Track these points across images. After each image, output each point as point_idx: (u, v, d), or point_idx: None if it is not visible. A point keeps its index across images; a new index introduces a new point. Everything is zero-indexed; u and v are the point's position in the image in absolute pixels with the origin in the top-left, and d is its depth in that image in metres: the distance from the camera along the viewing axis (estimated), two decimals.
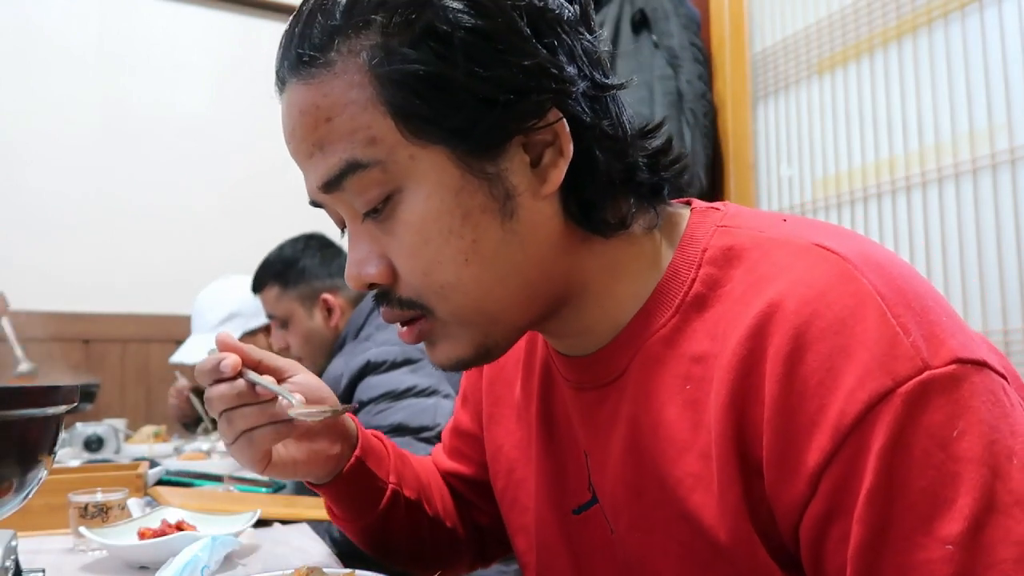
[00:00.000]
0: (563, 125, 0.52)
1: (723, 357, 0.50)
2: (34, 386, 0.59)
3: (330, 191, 0.53)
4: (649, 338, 0.55)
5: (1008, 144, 1.76)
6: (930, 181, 1.93)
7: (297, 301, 1.68)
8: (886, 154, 2.04)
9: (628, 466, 0.56)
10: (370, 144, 0.50)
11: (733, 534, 0.49)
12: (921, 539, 0.41)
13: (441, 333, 0.55)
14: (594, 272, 0.57)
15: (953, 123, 1.88)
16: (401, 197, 0.51)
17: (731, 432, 0.48)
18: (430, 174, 0.51)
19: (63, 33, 2.45)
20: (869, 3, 2.07)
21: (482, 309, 0.53)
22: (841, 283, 0.46)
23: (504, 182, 0.52)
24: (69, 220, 2.40)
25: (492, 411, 0.75)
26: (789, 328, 0.46)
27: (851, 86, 2.13)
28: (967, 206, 1.84)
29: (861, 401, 0.43)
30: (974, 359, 0.44)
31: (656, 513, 0.54)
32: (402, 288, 0.54)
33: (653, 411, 0.54)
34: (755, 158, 2.43)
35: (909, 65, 1.98)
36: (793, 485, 0.46)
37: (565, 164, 0.52)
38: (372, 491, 0.74)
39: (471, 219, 0.51)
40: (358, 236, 0.54)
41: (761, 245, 0.52)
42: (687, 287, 0.54)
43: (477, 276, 0.52)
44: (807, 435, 0.45)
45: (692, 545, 0.52)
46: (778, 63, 2.37)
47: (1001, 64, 1.78)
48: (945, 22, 1.90)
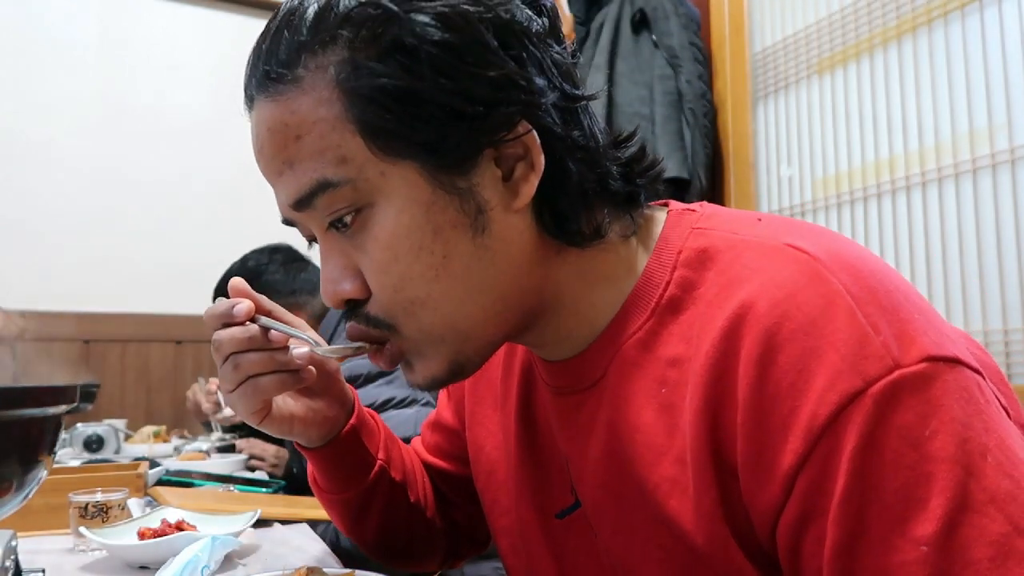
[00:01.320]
0: (533, 137, 0.51)
1: (697, 360, 0.50)
2: (34, 386, 0.59)
3: (301, 209, 0.53)
4: (625, 342, 0.55)
5: (1008, 144, 1.76)
6: (930, 181, 1.93)
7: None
8: (886, 154, 2.04)
9: (607, 471, 0.56)
10: (340, 163, 0.50)
11: (710, 539, 0.49)
12: (896, 540, 0.41)
13: (413, 352, 0.55)
14: (569, 282, 0.56)
15: (953, 123, 1.88)
16: (372, 212, 0.51)
17: (706, 436, 0.48)
18: (401, 190, 0.50)
19: (62, 33, 2.45)
20: (869, 3, 2.07)
21: (453, 325, 0.53)
22: (811, 283, 0.46)
23: (475, 197, 0.51)
24: (69, 220, 2.40)
25: (474, 410, 0.74)
26: (760, 330, 0.46)
27: (851, 86, 2.13)
28: (967, 206, 1.84)
29: (832, 403, 0.43)
30: (945, 356, 0.44)
31: (636, 517, 0.54)
32: (373, 306, 0.53)
33: (630, 415, 0.54)
34: (755, 158, 2.43)
35: (909, 65, 1.98)
36: (768, 488, 0.46)
37: (536, 177, 0.52)
38: (360, 464, 0.73)
39: (442, 235, 0.51)
40: (330, 252, 0.54)
41: (734, 247, 0.52)
42: (662, 290, 0.54)
43: (447, 292, 0.52)
44: (780, 438, 0.45)
45: (672, 549, 0.52)
46: (778, 63, 2.37)
47: (1001, 64, 1.78)
48: (945, 22, 1.90)
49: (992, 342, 1.74)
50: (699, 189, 2.31)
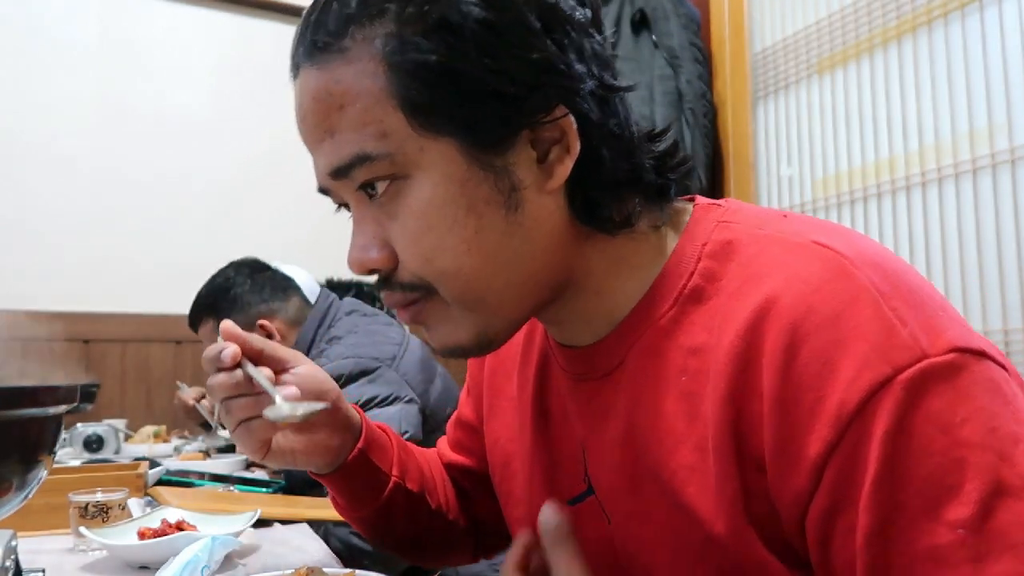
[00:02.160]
0: (570, 122, 0.52)
1: (719, 351, 0.50)
2: (34, 386, 0.59)
3: (338, 178, 0.54)
4: (647, 330, 0.56)
5: (1008, 144, 1.76)
6: (930, 181, 1.93)
7: None
8: (886, 154, 2.04)
9: (624, 457, 0.56)
10: (380, 137, 0.51)
11: (729, 527, 0.49)
12: (929, 525, 0.41)
13: (442, 316, 0.55)
14: (596, 266, 0.57)
15: (953, 123, 1.88)
16: (407, 184, 0.52)
17: (728, 427, 0.49)
18: (438, 165, 0.51)
19: (62, 33, 2.45)
20: (869, 3, 2.07)
21: (482, 299, 0.54)
22: (836, 278, 0.47)
23: (510, 175, 0.52)
24: (69, 220, 2.40)
25: (492, 403, 0.75)
26: (785, 323, 0.46)
27: (851, 86, 2.13)
28: (967, 206, 1.84)
29: (861, 390, 0.43)
30: (972, 348, 0.44)
31: (652, 504, 0.55)
32: (403, 273, 0.54)
33: (649, 402, 0.55)
34: (755, 158, 2.44)
35: (909, 65, 1.98)
36: (796, 478, 0.46)
37: (571, 161, 0.53)
38: (374, 482, 0.74)
39: (475, 210, 0.52)
40: (362, 221, 0.55)
41: (758, 241, 0.53)
42: (685, 280, 0.55)
43: (478, 266, 0.52)
44: (807, 427, 0.45)
45: (687, 536, 0.52)
46: (778, 63, 2.37)
47: (1001, 64, 1.78)
48: (945, 22, 1.90)
49: (992, 342, 1.74)
50: (699, 189, 2.31)
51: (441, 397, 1.57)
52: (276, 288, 1.66)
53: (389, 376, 1.45)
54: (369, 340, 1.53)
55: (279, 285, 1.68)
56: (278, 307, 1.64)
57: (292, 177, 2.78)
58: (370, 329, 1.59)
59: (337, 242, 2.09)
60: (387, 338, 1.56)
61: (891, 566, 0.42)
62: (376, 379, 1.44)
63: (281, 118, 3.08)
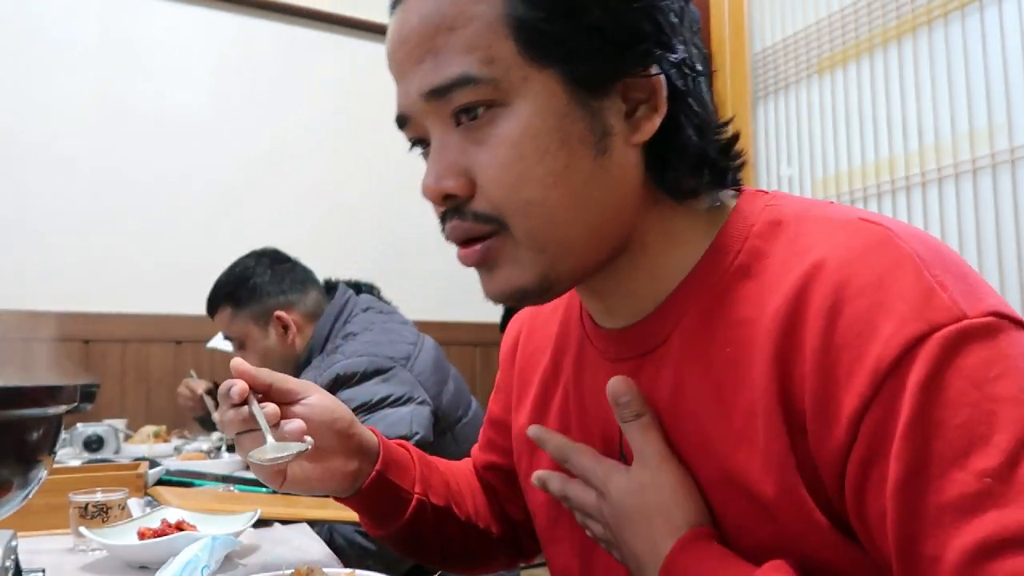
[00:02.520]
0: (660, 81, 0.54)
1: (766, 317, 0.51)
2: (34, 386, 0.59)
3: (434, 98, 0.54)
4: (692, 307, 0.57)
5: (1008, 144, 1.77)
6: (930, 181, 1.93)
7: (251, 321, 1.63)
8: (886, 154, 2.04)
9: (669, 431, 0.57)
10: (487, 62, 0.52)
11: (780, 486, 0.50)
12: (957, 473, 0.42)
13: (509, 256, 0.55)
14: (656, 234, 0.58)
15: (953, 123, 1.88)
16: (504, 111, 0.53)
17: (775, 387, 0.50)
18: (539, 95, 0.52)
19: (63, 32, 2.45)
20: (869, 3, 2.07)
21: (556, 237, 0.54)
22: (881, 247, 0.48)
23: (603, 120, 0.53)
24: (69, 220, 2.40)
25: (520, 394, 0.76)
26: (829, 286, 0.48)
27: (851, 86, 2.13)
28: (967, 206, 1.84)
29: (898, 346, 0.44)
30: (1011, 316, 0.45)
31: (695, 476, 0.55)
32: (479, 202, 0.54)
33: (695, 376, 0.55)
34: (755, 158, 2.43)
35: (909, 65, 1.98)
36: (834, 435, 0.47)
37: (659, 118, 0.54)
38: (396, 502, 0.75)
39: (568, 145, 0.52)
40: (444, 147, 0.55)
41: (805, 220, 0.54)
42: (732, 257, 0.56)
43: (561, 201, 0.53)
44: (846, 384, 0.46)
45: (729, 509, 0.53)
46: (778, 63, 2.37)
47: (1001, 64, 1.78)
48: (945, 22, 1.90)
49: None
50: None
51: (453, 399, 1.56)
52: (295, 280, 1.67)
53: (403, 376, 1.45)
54: (385, 339, 1.53)
55: (298, 278, 1.68)
56: (296, 299, 1.65)
57: (292, 177, 2.79)
58: (386, 327, 1.58)
59: (337, 242, 2.10)
60: (402, 337, 1.56)
61: (919, 514, 0.43)
62: (390, 379, 1.44)
63: (281, 118, 3.08)
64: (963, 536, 0.41)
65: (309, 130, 2.78)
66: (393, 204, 2.88)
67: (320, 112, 2.81)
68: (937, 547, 0.42)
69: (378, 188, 2.86)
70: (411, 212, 2.96)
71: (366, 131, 2.88)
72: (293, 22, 2.80)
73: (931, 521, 0.42)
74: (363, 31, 2.90)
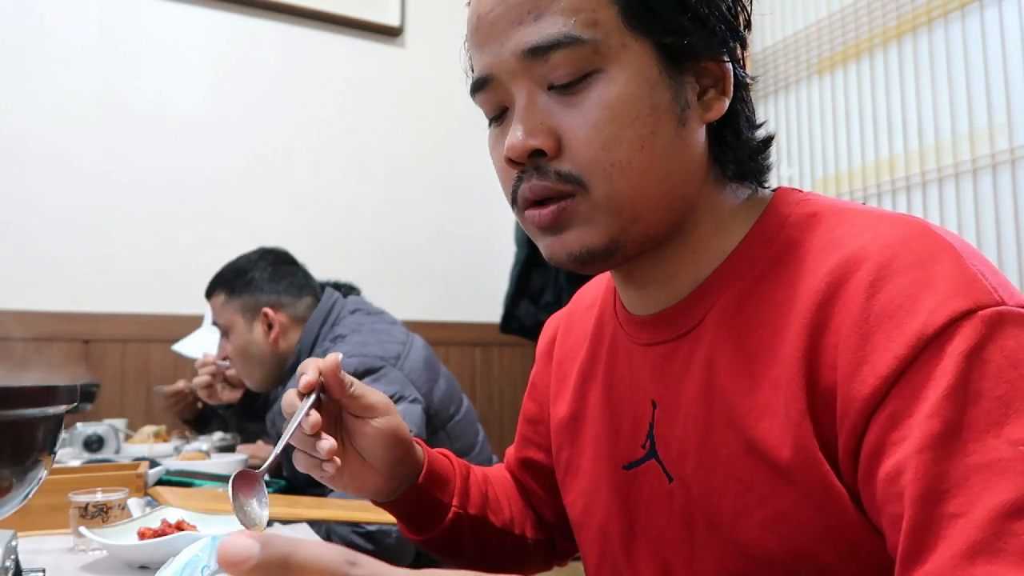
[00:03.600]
0: (730, 68, 0.59)
1: (802, 295, 0.53)
2: (34, 386, 0.59)
3: (532, 57, 0.56)
4: (727, 291, 0.59)
5: (1008, 144, 1.77)
6: (930, 181, 1.93)
7: (239, 311, 1.64)
8: (886, 154, 2.04)
9: (699, 408, 0.59)
10: (590, 25, 0.55)
11: (794, 451, 0.51)
12: (991, 440, 0.43)
13: (584, 217, 0.57)
14: (707, 216, 0.61)
15: (953, 123, 1.88)
16: (601, 76, 0.55)
17: (802, 356, 0.51)
18: (634, 63, 0.55)
19: (63, 32, 2.45)
20: (869, 3, 2.07)
21: (634, 200, 0.56)
22: (921, 235, 0.50)
23: (684, 94, 0.57)
24: (69, 220, 2.40)
25: (558, 388, 0.78)
26: (872, 264, 0.50)
27: (851, 86, 2.13)
28: (967, 206, 1.84)
29: (944, 316, 0.46)
30: None
31: (720, 451, 0.57)
32: (564, 162, 0.56)
33: (726, 355, 0.57)
34: None
35: (909, 65, 1.98)
36: (862, 393, 0.48)
37: (727, 102, 0.59)
38: (434, 512, 0.76)
39: (656, 112, 0.56)
40: (532, 108, 0.57)
41: (843, 213, 0.57)
42: (769, 246, 0.58)
43: (645, 165, 0.56)
44: (883, 350, 0.47)
45: (750, 480, 0.54)
46: (778, 63, 2.37)
47: (1001, 64, 1.78)
48: (945, 22, 1.90)
49: None
50: None
51: (445, 397, 1.57)
52: (293, 284, 1.68)
53: (394, 375, 1.45)
54: (374, 339, 1.53)
55: (297, 282, 1.69)
56: (287, 302, 1.65)
57: (293, 177, 2.79)
58: (375, 328, 1.59)
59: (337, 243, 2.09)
60: (391, 337, 1.56)
61: (946, 474, 0.43)
62: (381, 378, 1.44)
63: (281, 118, 3.08)
64: (992, 496, 0.41)
65: (310, 130, 2.78)
66: (394, 205, 2.88)
67: (321, 112, 2.81)
68: (962, 506, 0.42)
69: (379, 189, 2.86)
70: (413, 212, 2.96)
71: (367, 132, 2.88)
72: (293, 22, 2.80)
73: (958, 481, 0.43)
74: (364, 31, 2.90)
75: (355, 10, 2.85)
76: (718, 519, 0.57)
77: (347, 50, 2.88)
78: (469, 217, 3.00)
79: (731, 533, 0.56)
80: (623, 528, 0.66)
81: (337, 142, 2.82)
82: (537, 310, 2.57)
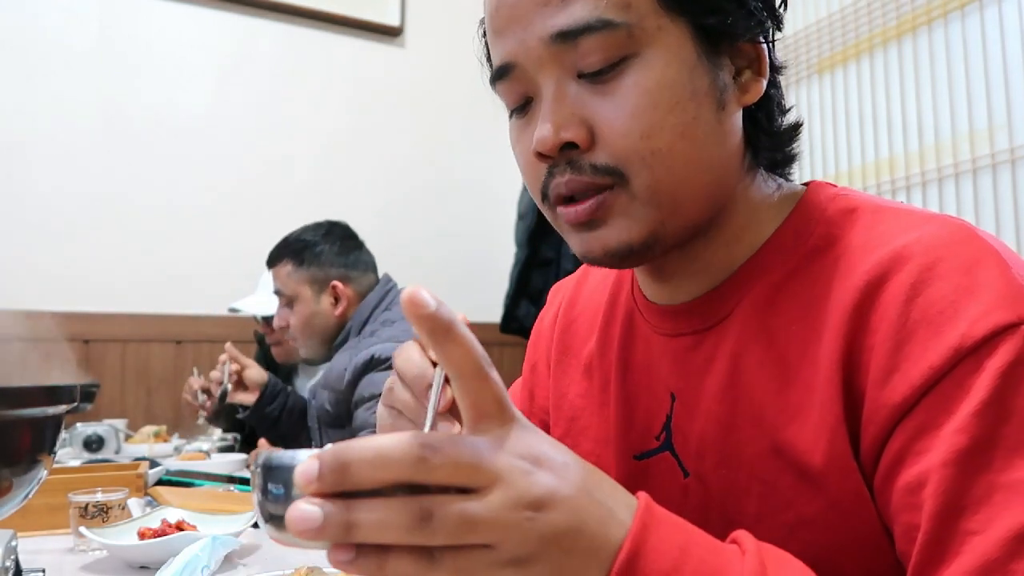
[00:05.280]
0: (764, 49, 0.56)
1: (841, 294, 0.51)
2: (34, 386, 0.59)
3: (561, 42, 0.52)
4: (758, 284, 0.57)
5: (1008, 144, 1.76)
6: (930, 181, 1.93)
7: (307, 282, 1.69)
8: (886, 154, 2.04)
9: (722, 404, 0.57)
10: (623, 7, 0.51)
11: (829, 456, 0.49)
12: (1019, 460, 0.42)
13: (623, 210, 0.53)
14: (742, 206, 0.59)
15: (953, 123, 1.88)
16: (636, 62, 0.52)
17: (839, 358, 0.49)
18: (672, 46, 0.52)
19: (63, 32, 2.45)
20: (869, 3, 2.07)
21: (674, 190, 0.53)
22: (967, 239, 0.49)
23: (722, 76, 0.54)
24: (69, 220, 2.40)
25: (560, 359, 0.74)
26: (915, 266, 0.48)
27: (851, 86, 2.13)
28: (967, 206, 1.84)
29: (986, 327, 0.44)
30: None
31: (744, 450, 0.55)
32: (599, 154, 0.52)
33: (757, 351, 0.55)
34: None
35: (909, 65, 1.98)
36: (892, 400, 0.46)
37: (763, 84, 0.56)
38: None
39: (697, 97, 0.53)
40: (561, 98, 0.53)
41: (882, 211, 0.55)
42: (804, 240, 0.56)
43: (687, 152, 0.53)
44: (919, 355, 0.46)
45: (775, 483, 0.53)
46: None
47: (1001, 64, 1.78)
48: (945, 22, 1.90)
49: None
50: None
51: None
52: (360, 261, 1.74)
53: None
54: None
55: (363, 258, 1.76)
56: (355, 276, 1.71)
57: (292, 177, 2.79)
58: None
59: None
60: None
61: (969, 490, 0.42)
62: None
63: (282, 119, 3.08)
64: (1012, 517, 0.41)
65: (311, 131, 2.78)
66: (395, 205, 2.88)
67: (320, 112, 2.81)
68: (980, 523, 0.41)
69: (379, 189, 2.86)
70: (413, 212, 2.96)
71: (367, 131, 2.88)
72: (294, 22, 2.80)
73: (980, 498, 0.42)
74: (364, 31, 2.90)
75: (355, 10, 2.85)
76: (739, 520, 0.55)
77: (347, 50, 2.88)
78: (469, 217, 3.00)
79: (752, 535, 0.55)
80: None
81: (337, 142, 2.82)
82: (537, 310, 2.57)
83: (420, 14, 2.99)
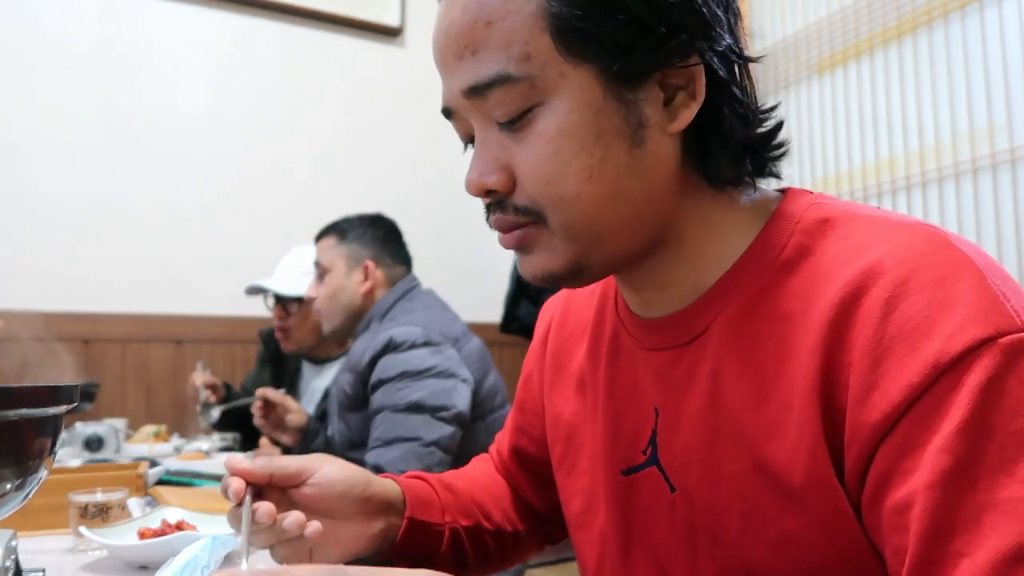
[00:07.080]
0: (700, 71, 0.54)
1: (814, 311, 0.51)
2: (34, 386, 0.59)
3: (472, 96, 0.54)
4: (735, 299, 0.57)
5: (1008, 144, 1.77)
6: (930, 181, 1.93)
7: (343, 256, 1.76)
8: (886, 154, 2.04)
9: (704, 421, 0.57)
10: (524, 60, 0.52)
11: (806, 475, 0.50)
12: (1004, 479, 0.41)
13: (544, 244, 0.56)
14: (694, 225, 0.58)
15: (953, 123, 1.88)
16: (542, 110, 0.53)
17: (816, 377, 0.49)
18: (575, 91, 0.52)
19: (63, 32, 2.45)
20: (869, 3, 2.07)
21: (590, 228, 0.54)
22: (942, 249, 0.48)
23: (639, 111, 0.53)
24: (69, 220, 2.40)
25: (553, 379, 0.76)
26: (889, 280, 0.47)
27: (851, 86, 2.13)
28: (967, 206, 1.84)
29: (963, 343, 0.44)
30: None
31: (725, 467, 0.55)
32: (519, 196, 0.55)
33: (735, 368, 0.55)
34: None
35: (909, 65, 1.98)
36: (872, 419, 0.46)
37: (696, 107, 0.54)
38: (431, 539, 0.75)
39: (603, 139, 0.53)
40: (486, 144, 0.56)
41: (857, 219, 0.54)
42: (777, 252, 0.56)
43: (596, 195, 0.53)
44: (896, 374, 0.45)
45: (757, 500, 0.53)
46: (778, 63, 2.37)
47: (1001, 64, 1.78)
48: (945, 22, 1.90)
49: None
50: None
51: (492, 389, 1.68)
52: (397, 254, 1.83)
53: (450, 352, 1.57)
54: (441, 318, 1.67)
55: (401, 253, 1.84)
56: (387, 263, 1.79)
57: (292, 177, 2.79)
58: (444, 314, 1.73)
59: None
60: (456, 325, 1.70)
61: (956, 511, 0.42)
62: (439, 351, 1.55)
63: (282, 119, 3.09)
64: (999, 538, 0.40)
65: (310, 131, 2.78)
66: (395, 205, 2.88)
67: (320, 112, 2.81)
68: (968, 545, 0.41)
69: (379, 189, 2.86)
70: (413, 213, 2.96)
71: (368, 132, 2.88)
72: (295, 22, 2.80)
73: (967, 519, 0.42)
74: (364, 31, 2.90)
75: (355, 10, 2.85)
76: (723, 535, 0.56)
77: (347, 50, 2.88)
78: (469, 217, 3.00)
79: (736, 551, 0.55)
80: (621, 533, 0.65)
81: (336, 142, 2.82)
82: (537, 310, 2.57)
83: (420, 14, 2.99)
